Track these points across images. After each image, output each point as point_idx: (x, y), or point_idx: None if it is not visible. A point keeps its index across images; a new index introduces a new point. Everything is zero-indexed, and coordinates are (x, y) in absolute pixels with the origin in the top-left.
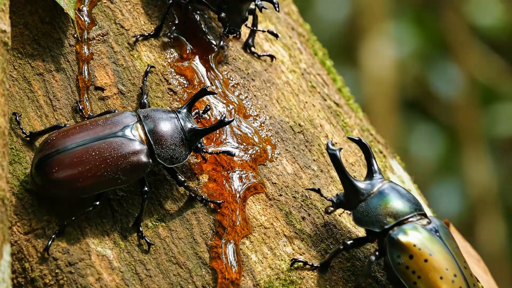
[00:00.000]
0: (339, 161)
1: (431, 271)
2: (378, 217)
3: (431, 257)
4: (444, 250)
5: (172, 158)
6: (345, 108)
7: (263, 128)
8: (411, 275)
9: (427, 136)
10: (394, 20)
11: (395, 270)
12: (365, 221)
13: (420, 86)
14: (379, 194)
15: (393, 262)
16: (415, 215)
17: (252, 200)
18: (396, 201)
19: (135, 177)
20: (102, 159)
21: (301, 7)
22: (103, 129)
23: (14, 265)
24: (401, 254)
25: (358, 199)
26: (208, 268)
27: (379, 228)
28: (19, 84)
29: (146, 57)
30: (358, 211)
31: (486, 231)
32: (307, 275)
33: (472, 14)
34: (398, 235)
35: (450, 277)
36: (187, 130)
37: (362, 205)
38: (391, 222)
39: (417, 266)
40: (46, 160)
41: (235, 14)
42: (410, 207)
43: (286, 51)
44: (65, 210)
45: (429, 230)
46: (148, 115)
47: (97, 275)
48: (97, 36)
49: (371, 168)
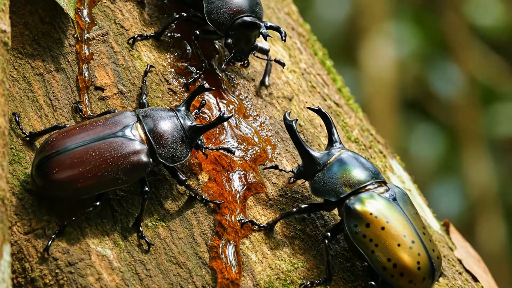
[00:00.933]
0: (295, 131)
1: (389, 239)
2: (334, 187)
3: (388, 224)
4: (402, 217)
5: (173, 157)
6: (345, 108)
7: (263, 128)
8: (369, 243)
9: (427, 136)
10: (394, 20)
11: (353, 239)
12: (322, 191)
13: (420, 86)
14: (336, 163)
15: (351, 231)
16: (373, 183)
17: (252, 200)
18: (353, 170)
19: (136, 177)
20: (102, 159)
21: (301, 7)
22: (103, 129)
23: (14, 265)
24: (358, 223)
25: (316, 169)
26: (208, 268)
27: (335, 197)
28: (19, 84)
29: (146, 57)
30: (315, 181)
31: (486, 231)
32: (307, 275)
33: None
34: (354, 204)
35: (408, 244)
36: (187, 128)
37: (319, 175)
38: (347, 191)
39: (374, 235)
40: (46, 161)
41: (242, 42)
42: (368, 176)
43: (286, 51)
44: (65, 210)
45: (386, 197)
46: (148, 114)
47: (97, 275)
48: (97, 36)
49: (331, 138)
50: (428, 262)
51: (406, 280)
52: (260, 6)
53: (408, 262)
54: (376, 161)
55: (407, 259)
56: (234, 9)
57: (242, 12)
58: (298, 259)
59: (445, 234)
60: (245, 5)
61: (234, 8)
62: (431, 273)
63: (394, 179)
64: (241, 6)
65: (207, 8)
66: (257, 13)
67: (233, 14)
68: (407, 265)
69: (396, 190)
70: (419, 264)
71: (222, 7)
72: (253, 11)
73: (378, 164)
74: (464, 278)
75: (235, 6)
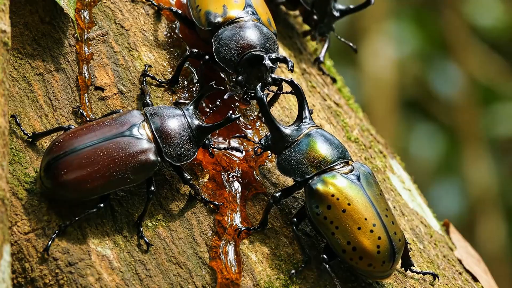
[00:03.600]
0: (265, 104)
1: (349, 222)
2: (300, 166)
3: (349, 207)
4: (364, 199)
5: (180, 156)
6: (345, 108)
7: (263, 128)
8: (329, 225)
9: (427, 136)
10: (394, 20)
11: (314, 220)
12: (288, 170)
13: (420, 86)
14: (304, 141)
15: (312, 212)
16: (338, 163)
17: (252, 200)
18: (320, 149)
19: (144, 176)
20: (110, 159)
21: None
22: (110, 129)
23: (14, 265)
24: (319, 204)
25: (283, 145)
26: (208, 268)
27: (301, 177)
28: (19, 84)
29: (146, 57)
30: (282, 158)
31: (486, 231)
32: (307, 275)
33: (472, 14)
34: (316, 185)
35: (369, 227)
36: (194, 127)
37: (286, 152)
38: (313, 172)
39: (334, 217)
40: (54, 162)
41: (253, 78)
42: (334, 155)
43: (286, 51)
44: (65, 210)
45: (350, 178)
46: (155, 113)
47: (97, 275)
48: (97, 36)
49: (301, 113)
50: (389, 245)
51: (365, 263)
52: (271, 40)
53: (368, 246)
54: (376, 161)
55: (367, 243)
56: (242, 45)
57: (250, 48)
58: (298, 259)
59: (445, 234)
60: (254, 40)
61: (242, 43)
62: (392, 257)
63: (394, 179)
64: (249, 41)
65: (215, 46)
66: (268, 47)
67: (241, 50)
68: (367, 249)
69: (361, 170)
70: (379, 248)
71: (230, 43)
72: (263, 45)
73: (378, 164)
74: (464, 278)
75: (243, 41)
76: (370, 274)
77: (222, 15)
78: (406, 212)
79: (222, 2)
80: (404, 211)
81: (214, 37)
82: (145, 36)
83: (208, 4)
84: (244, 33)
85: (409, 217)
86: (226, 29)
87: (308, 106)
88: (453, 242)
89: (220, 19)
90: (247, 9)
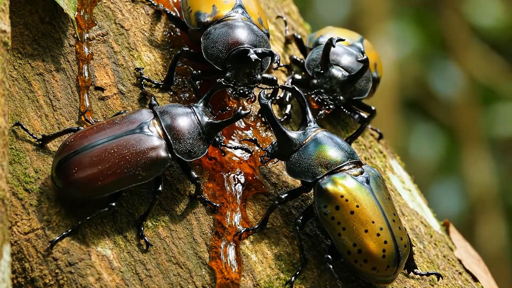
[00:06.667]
0: (270, 111)
1: (357, 224)
2: (310, 168)
3: (358, 209)
4: (373, 202)
5: (190, 152)
6: None
7: (264, 128)
8: (336, 226)
9: (427, 136)
10: (394, 20)
11: (321, 220)
12: (298, 172)
13: (420, 86)
14: (311, 143)
15: (319, 212)
16: (348, 164)
17: (252, 200)
18: (329, 150)
19: (155, 172)
20: (121, 156)
21: (301, 7)
22: (120, 127)
23: (14, 265)
24: (327, 204)
25: (291, 149)
26: (208, 268)
27: (312, 178)
28: (19, 84)
29: (146, 57)
30: (291, 162)
31: (486, 231)
32: (307, 275)
33: (472, 14)
34: (326, 184)
35: (376, 231)
36: (204, 124)
37: (295, 156)
38: (323, 172)
39: (342, 218)
40: (65, 161)
41: (242, 75)
42: (343, 156)
43: (286, 51)
44: (66, 210)
45: (359, 180)
46: (165, 110)
47: (97, 275)
48: (97, 36)
49: (306, 117)
50: (395, 250)
51: (369, 266)
52: (261, 38)
53: (374, 249)
54: (376, 161)
55: (373, 246)
56: (229, 42)
57: (238, 44)
58: (298, 259)
59: (445, 234)
60: (242, 37)
61: (229, 40)
62: (396, 261)
63: (394, 179)
64: (237, 38)
65: (204, 44)
66: (257, 45)
67: (228, 47)
68: (372, 252)
69: (370, 173)
70: (384, 252)
71: (218, 40)
72: (252, 43)
73: (378, 164)
74: (464, 278)
75: (231, 38)
76: (373, 278)
77: (211, 14)
78: (406, 212)
79: (212, 3)
80: (404, 211)
81: (203, 35)
82: (145, 36)
83: (199, 5)
84: (232, 31)
85: (409, 217)
86: (215, 27)
87: (311, 110)
88: (453, 242)
89: (209, 19)
90: (237, 9)
